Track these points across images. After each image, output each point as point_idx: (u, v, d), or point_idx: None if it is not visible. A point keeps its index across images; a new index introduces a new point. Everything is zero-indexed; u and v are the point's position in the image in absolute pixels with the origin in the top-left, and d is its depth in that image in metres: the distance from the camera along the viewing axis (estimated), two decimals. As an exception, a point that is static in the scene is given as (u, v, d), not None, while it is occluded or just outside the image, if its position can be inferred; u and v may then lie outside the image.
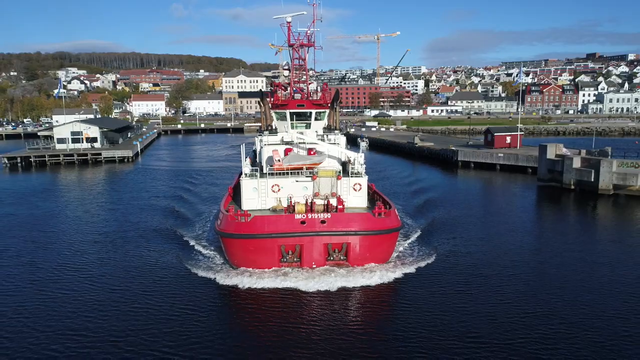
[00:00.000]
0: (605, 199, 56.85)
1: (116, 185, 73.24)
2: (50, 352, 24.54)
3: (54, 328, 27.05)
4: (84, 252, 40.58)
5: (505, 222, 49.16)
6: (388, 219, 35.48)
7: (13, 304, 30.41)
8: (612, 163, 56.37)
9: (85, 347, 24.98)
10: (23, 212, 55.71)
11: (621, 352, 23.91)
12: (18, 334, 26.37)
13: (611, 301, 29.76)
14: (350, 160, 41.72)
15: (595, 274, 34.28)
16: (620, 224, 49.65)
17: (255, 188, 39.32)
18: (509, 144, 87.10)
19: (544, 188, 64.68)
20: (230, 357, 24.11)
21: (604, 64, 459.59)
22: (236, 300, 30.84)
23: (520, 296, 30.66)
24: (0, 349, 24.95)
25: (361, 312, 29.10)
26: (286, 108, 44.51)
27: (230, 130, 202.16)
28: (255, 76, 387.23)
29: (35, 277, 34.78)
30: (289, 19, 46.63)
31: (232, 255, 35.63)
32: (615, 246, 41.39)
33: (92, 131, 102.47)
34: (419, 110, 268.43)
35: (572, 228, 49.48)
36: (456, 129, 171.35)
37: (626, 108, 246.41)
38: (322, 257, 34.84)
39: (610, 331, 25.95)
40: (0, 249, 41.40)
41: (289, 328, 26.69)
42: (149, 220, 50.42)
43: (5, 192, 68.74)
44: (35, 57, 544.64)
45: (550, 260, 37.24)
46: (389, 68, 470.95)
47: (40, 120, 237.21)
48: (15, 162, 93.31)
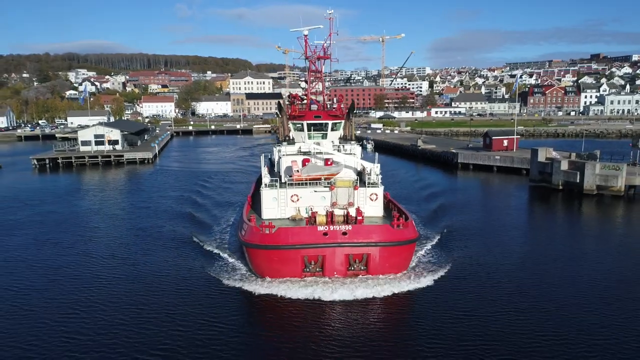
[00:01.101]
0: (589, 199, 62.67)
1: (142, 186, 79.46)
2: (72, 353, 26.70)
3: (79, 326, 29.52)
4: (116, 254, 43.70)
5: (501, 221, 54.44)
6: (406, 230, 36.54)
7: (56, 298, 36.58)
8: (595, 166, 62.22)
9: (103, 350, 26.81)
10: (65, 210, 62.10)
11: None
12: (48, 332, 29.05)
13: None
14: (366, 170, 42.88)
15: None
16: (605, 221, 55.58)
17: (275, 198, 40.86)
18: (506, 147, 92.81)
19: (536, 188, 70.47)
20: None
21: (608, 65, 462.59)
22: (260, 308, 32.41)
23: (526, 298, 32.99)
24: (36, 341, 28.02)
25: (381, 322, 30.28)
26: (303, 119, 45.98)
27: (240, 132, 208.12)
28: (262, 77, 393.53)
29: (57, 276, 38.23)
30: (306, 32, 48.00)
31: (257, 265, 36.75)
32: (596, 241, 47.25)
33: (114, 134, 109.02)
34: (423, 111, 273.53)
35: (560, 227, 55.43)
36: (459, 131, 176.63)
37: (627, 110, 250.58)
38: (343, 267, 35.81)
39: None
40: (55, 241, 47.71)
41: (311, 337, 27.92)
42: (173, 223, 53.40)
43: (43, 192, 75.27)
44: (44, 58, 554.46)
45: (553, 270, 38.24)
46: (394, 69, 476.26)
47: (54, 121, 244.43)
48: (44, 164, 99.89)
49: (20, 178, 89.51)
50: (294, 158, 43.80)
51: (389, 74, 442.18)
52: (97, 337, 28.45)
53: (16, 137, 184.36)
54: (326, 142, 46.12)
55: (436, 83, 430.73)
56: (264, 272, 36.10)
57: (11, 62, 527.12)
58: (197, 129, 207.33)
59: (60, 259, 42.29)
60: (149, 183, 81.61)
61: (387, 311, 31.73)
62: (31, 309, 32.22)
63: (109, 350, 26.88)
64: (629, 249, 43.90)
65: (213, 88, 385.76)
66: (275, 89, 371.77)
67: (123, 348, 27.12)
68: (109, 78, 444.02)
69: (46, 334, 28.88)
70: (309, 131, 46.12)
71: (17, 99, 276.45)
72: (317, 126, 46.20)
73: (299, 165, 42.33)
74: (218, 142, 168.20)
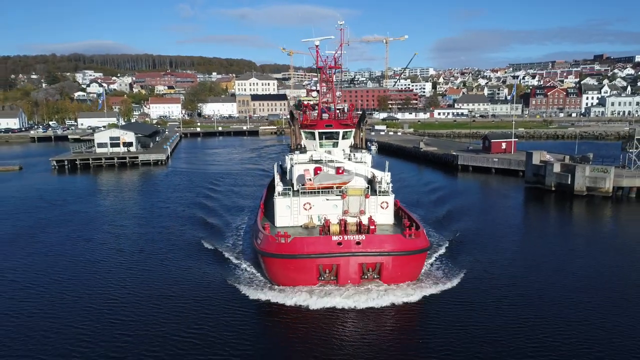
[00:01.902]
0: (579, 199, 66.83)
1: (159, 187, 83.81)
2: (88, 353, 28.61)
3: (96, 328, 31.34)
4: (134, 255, 46.93)
5: (498, 222, 58.19)
6: (418, 239, 37.31)
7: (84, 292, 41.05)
8: (585, 168, 66.36)
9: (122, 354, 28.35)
10: (90, 210, 66.70)
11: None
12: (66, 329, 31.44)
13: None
14: (377, 178, 43.57)
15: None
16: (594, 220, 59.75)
17: (288, 206, 41.71)
18: (504, 149, 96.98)
19: (531, 189, 74.62)
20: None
21: (611, 65, 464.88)
22: (275, 316, 33.53)
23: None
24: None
25: (394, 329, 31.35)
26: (315, 128, 47.24)
27: (246, 133, 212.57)
28: (267, 79, 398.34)
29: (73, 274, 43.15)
30: (317, 43, 49.23)
31: (273, 273, 37.64)
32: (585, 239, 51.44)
33: (129, 136, 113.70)
34: (426, 112, 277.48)
35: (552, 227, 59.67)
36: (460, 133, 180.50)
37: (628, 111, 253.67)
38: (357, 275, 36.64)
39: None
40: (86, 239, 52.26)
41: (325, 345, 29.13)
42: (188, 225, 55.86)
43: (65, 192, 79.91)
44: (51, 59, 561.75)
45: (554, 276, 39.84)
46: (398, 70, 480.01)
47: (65, 122, 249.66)
48: (62, 165, 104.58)
49: (41, 179, 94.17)
50: (306, 166, 44.63)
51: (392, 75, 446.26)
52: (124, 332, 30.83)
53: (29, 139, 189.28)
54: (337, 150, 47.12)
55: (439, 84, 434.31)
56: (280, 280, 37.08)
57: (18, 62, 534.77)
58: (204, 131, 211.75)
59: (92, 254, 46.86)
60: (165, 184, 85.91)
61: (399, 320, 32.44)
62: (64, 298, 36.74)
63: (126, 349, 28.95)
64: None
65: (219, 89, 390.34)
66: (279, 90, 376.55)
67: (137, 349, 28.88)
68: (116, 79, 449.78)
69: (93, 320, 33.38)
70: (321, 140, 47.28)
71: (27, 100, 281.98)
72: (329, 135, 47.31)
73: (311, 174, 43.17)
74: (225, 144, 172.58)
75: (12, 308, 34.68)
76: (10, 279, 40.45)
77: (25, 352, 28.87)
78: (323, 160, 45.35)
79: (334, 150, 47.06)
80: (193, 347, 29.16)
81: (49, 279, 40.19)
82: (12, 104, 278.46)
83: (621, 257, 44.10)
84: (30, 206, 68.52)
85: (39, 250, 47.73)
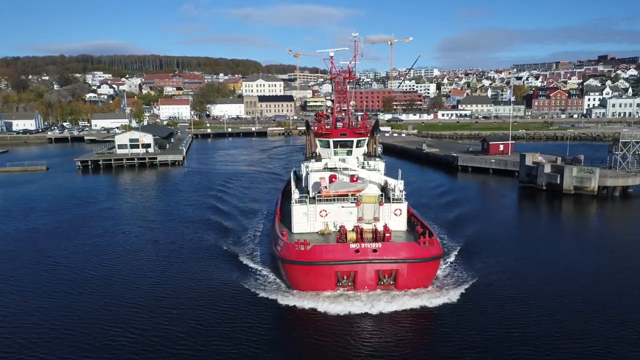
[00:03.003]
0: (568, 197, 72.90)
1: (180, 186, 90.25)
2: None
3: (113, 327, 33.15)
4: (154, 253, 52.37)
5: (495, 218, 63.68)
6: (432, 247, 38.54)
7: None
8: (572, 169, 72.43)
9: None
10: (121, 206, 73.48)
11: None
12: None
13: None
14: (390, 186, 45.08)
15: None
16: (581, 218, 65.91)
17: (305, 213, 43.25)
18: (502, 151, 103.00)
19: (524, 188, 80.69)
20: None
21: (614, 66, 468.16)
22: (294, 320, 35.16)
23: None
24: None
25: (409, 334, 32.60)
26: (330, 137, 48.34)
27: (255, 134, 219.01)
28: (273, 80, 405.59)
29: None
30: (332, 54, 51.38)
31: (292, 278, 39.14)
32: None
33: (147, 138, 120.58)
34: (430, 114, 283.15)
35: (545, 225, 65.85)
36: (463, 134, 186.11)
37: (628, 113, 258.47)
38: (373, 281, 38.03)
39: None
40: (124, 232, 58.86)
41: (343, 348, 30.72)
42: (206, 227, 58.68)
43: (94, 191, 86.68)
44: (59, 60, 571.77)
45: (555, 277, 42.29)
46: (402, 70, 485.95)
47: (78, 123, 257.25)
48: (86, 165, 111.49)
49: (68, 178, 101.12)
50: (321, 174, 46.12)
51: (397, 76, 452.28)
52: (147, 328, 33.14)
53: (47, 139, 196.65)
54: (351, 158, 48.59)
55: (444, 85, 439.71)
56: (299, 286, 38.63)
57: (28, 63, 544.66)
58: (214, 132, 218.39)
59: (131, 244, 53.53)
60: (184, 184, 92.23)
61: (414, 325, 33.95)
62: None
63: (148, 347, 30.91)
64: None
65: (226, 90, 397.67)
66: (286, 91, 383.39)
67: (161, 346, 30.99)
68: (125, 80, 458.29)
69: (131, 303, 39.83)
70: (335, 148, 48.58)
71: (41, 102, 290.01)
72: (343, 143, 48.58)
73: (327, 182, 44.68)
74: (235, 145, 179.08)
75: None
76: (64, 264, 47.13)
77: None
78: (338, 168, 46.79)
79: (348, 158, 48.58)
80: (214, 346, 30.91)
81: (97, 270, 46.71)
82: (26, 105, 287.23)
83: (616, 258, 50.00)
84: (66, 203, 75.20)
85: (84, 242, 54.25)
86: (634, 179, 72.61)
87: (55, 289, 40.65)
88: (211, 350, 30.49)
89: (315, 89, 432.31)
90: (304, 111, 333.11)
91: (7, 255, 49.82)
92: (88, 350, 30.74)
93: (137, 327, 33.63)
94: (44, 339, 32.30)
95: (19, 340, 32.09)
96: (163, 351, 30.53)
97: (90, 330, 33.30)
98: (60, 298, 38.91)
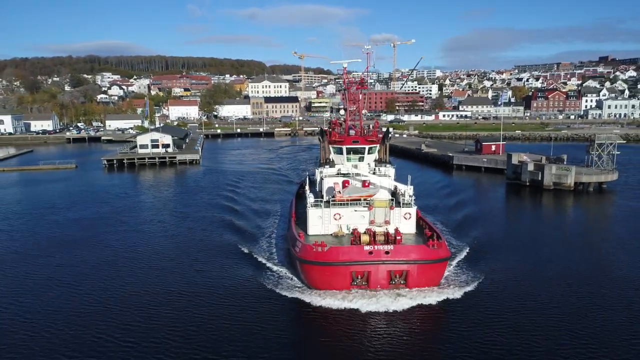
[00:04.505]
0: (548, 192, 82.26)
1: (201, 182, 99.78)
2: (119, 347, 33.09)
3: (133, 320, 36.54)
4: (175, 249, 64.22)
5: (483, 213, 72.33)
6: (440, 249, 41.13)
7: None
8: (552, 167, 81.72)
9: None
10: (153, 199, 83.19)
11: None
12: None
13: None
14: (400, 191, 47.44)
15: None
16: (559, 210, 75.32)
17: (320, 216, 45.97)
18: (494, 151, 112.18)
19: (510, 185, 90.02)
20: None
21: (614, 67, 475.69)
22: (311, 316, 37.99)
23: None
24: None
25: (419, 330, 35.51)
26: (343, 144, 50.82)
27: (262, 134, 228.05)
28: (279, 81, 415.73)
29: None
30: (345, 65, 55.26)
31: (310, 278, 41.84)
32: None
33: (166, 139, 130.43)
34: (432, 114, 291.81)
35: (527, 217, 75.27)
36: (462, 135, 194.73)
37: (624, 114, 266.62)
38: (385, 281, 40.75)
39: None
40: (160, 220, 68.41)
41: (356, 342, 33.62)
42: (224, 225, 63.27)
43: (123, 187, 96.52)
44: (67, 61, 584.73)
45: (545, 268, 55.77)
46: (405, 71, 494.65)
47: (92, 124, 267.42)
48: (112, 164, 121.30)
49: (96, 175, 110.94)
50: (335, 180, 48.94)
51: (399, 77, 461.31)
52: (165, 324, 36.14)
53: (65, 140, 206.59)
54: (363, 164, 51.27)
55: (445, 86, 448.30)
56: (317, 285, 41.43)
57: (37, 64, 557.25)
58: (224, 132, 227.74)
59: (168, 230, 63.14)
60: (204, 182, 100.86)
61: (424, 321, 36.81)
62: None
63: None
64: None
65: (233, 91, 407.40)
66: (291, 92, 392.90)
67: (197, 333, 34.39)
68: (133, 82, 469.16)
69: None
70: (348, 154, 51.23)
71: (54, 103, 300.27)
72: (355, 150, 51.18)
73: (340, 187, 47.48)
74: (245, 145, 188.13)
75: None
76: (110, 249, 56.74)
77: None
78: (350, 174, 49.40)
79: (360, 164, 51.21)
80: (235, 337, 34.35)
81: (141, 254, 56.22)
82: (39, 106, 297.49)
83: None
84: (103, 197, 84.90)
85: (132, 228, 63.94)
86: (607, 176, 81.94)
87: (102, 268, 49.63)
88: (233, 340, 34.01)
89: (320, 90, 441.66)
90: (309, 112, 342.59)
91: (65, 238, 59.61)
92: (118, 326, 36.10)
93: (177, 307, 38.99)
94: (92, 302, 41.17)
95: (82, 299, 41.72)
96: (189, 338, 34.20)
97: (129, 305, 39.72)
98: (102, 278, 46.34)
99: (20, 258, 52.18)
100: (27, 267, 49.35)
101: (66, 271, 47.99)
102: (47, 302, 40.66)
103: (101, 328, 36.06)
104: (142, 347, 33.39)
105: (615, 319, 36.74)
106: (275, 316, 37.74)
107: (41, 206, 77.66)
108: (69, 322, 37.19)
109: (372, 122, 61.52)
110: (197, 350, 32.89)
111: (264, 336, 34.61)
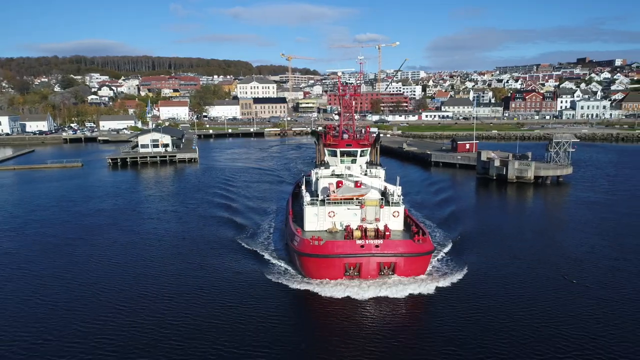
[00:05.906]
0: (511, 185, 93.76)
1: (203, 179, 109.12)
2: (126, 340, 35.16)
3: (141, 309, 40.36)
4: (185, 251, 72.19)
5: (458, 201, 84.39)
6: (425, 244, 45.12)
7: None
8: (515, 163, 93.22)
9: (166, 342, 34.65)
10: (160, 194, 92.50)
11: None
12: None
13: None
14: (389, 191, 50.85)
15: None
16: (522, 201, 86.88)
17: (315, 214, 49.34)
18: (468, 149, 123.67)
19: (480, 179, 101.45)
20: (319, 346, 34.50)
21: (590, 69, 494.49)
22: (307, 304, 41.92)
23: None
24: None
25: (405, 313, 39.67)
26: (337, 147, 54.55)
27: (253, 134, 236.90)
28: (267, 82, 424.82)
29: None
30: (340, 74, 64.18)
31: (307, 269, 45.53)
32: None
33: (166, 139, 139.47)
34: (415, 115, 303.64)
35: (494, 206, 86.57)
36: (442, 134, 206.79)
37: (596, 114, 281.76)
38: (375, 272, 44.69)
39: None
40: (172, 211, 77.96)
41: (349, 326, 37.28)
42: (223, 220, 68.41)
43: (131, 183, 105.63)
44: (53, 61, 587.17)
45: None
46: (390, 72, 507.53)
47: (85, 124, 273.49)
48: (116, 162, 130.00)
49: (102, 173, 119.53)
50: (330, 180, 52.81)
51: (385, 78, 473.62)
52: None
53: (62, 140, 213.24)
54: (355, 166, 55.01)
55: (429, 87, 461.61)
56: (313, 275, 45.34)
57: (22, 64, 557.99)
58: (216, 132, 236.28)
59: (180, 218, 72.77)
60: (204, 180, 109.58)
61: (410, 307, 40.87)
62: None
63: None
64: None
65: (222, 92, 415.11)
66: (278, 93, 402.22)
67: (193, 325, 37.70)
68: (123, 82, 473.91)
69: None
70: (342, 157, 55.09)
71: (46, 104, 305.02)
72: (349, 153, 54.98)
73: (334, 187, 51.05)
74: (236, 145, 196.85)
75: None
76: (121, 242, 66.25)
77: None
78: (344, 175, 53.37)
79: (352, 166, 55.02)
80: (237, 323, 37.72)
81: (161, 240, 65.90)
82: (31, 107, 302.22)
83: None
84: (114, 192, 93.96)
85: (145, 217, 73.41)
86: (562, 170, 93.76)
87: (121, 251, 59.28)
88: (235, 327, 37.21)
89: (307, 91, 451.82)
90: (297, 112, 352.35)
91: (91, 227, 68.73)
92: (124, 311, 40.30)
93: (184, 300, 42.02)
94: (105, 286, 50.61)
95: (102, 282, 51.45)
96: (194, 327, 37.18)
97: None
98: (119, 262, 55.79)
99: (62, 242, 61.46)
100: (71, 248, 58.95)
101: (101, 251, 57.46)
102: (89, 274, 50.45)
103: (99, 319, 39.22)
104: (142, 334, 36.67)
105: (568, 286, 44.07)
106: (273, 302, 41.81)
107: (64, 199, 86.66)
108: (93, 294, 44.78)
109: (364, 127, 68.15)
110: (204, 332, 36.61)
111: (266, 320, 38.48)
